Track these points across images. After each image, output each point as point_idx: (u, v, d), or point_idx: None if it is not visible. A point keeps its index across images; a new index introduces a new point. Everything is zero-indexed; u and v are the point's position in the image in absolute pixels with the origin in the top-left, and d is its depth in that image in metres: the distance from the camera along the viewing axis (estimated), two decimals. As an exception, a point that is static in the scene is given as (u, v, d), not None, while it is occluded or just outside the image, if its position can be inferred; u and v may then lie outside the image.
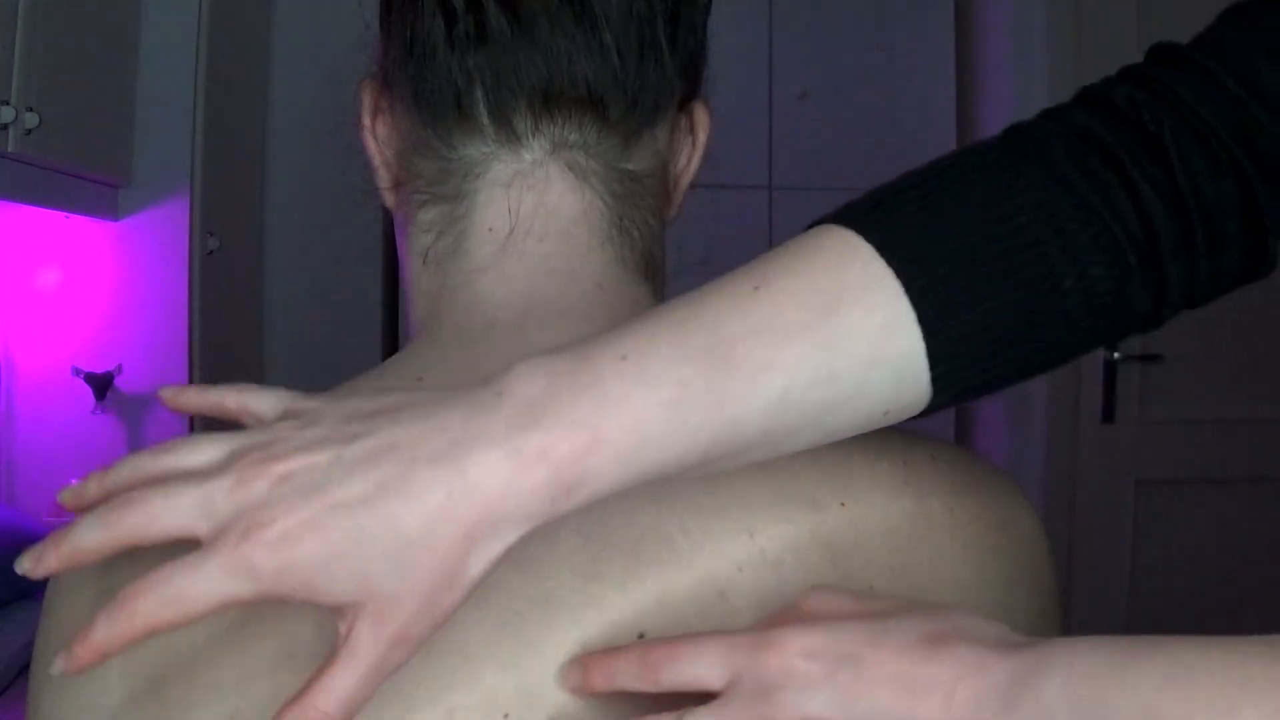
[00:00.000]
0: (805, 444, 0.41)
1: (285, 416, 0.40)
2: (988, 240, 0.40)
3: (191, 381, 1.71)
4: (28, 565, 0.38)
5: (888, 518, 0.47)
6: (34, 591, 1.39)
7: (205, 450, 0.39)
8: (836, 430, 0.41)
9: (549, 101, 0.49)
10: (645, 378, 0.38)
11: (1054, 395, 2.06)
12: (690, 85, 0.54)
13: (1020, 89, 2.09)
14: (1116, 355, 2.04)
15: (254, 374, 1.97)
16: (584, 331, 0.49)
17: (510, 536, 0.37)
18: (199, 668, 0.41)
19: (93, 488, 0.39)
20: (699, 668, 0.39)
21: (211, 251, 1.74)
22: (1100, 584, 2.08)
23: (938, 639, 0.37)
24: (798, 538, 0.45)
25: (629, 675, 0.40)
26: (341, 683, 0.36)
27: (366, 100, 0.55)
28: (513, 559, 0.42)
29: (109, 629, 0.36)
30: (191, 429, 1.71)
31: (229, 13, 1.78)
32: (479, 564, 0.37)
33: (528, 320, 0.50)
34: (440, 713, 0.41)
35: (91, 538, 0.37)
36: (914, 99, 2.21)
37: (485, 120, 0.50)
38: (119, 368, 1.70)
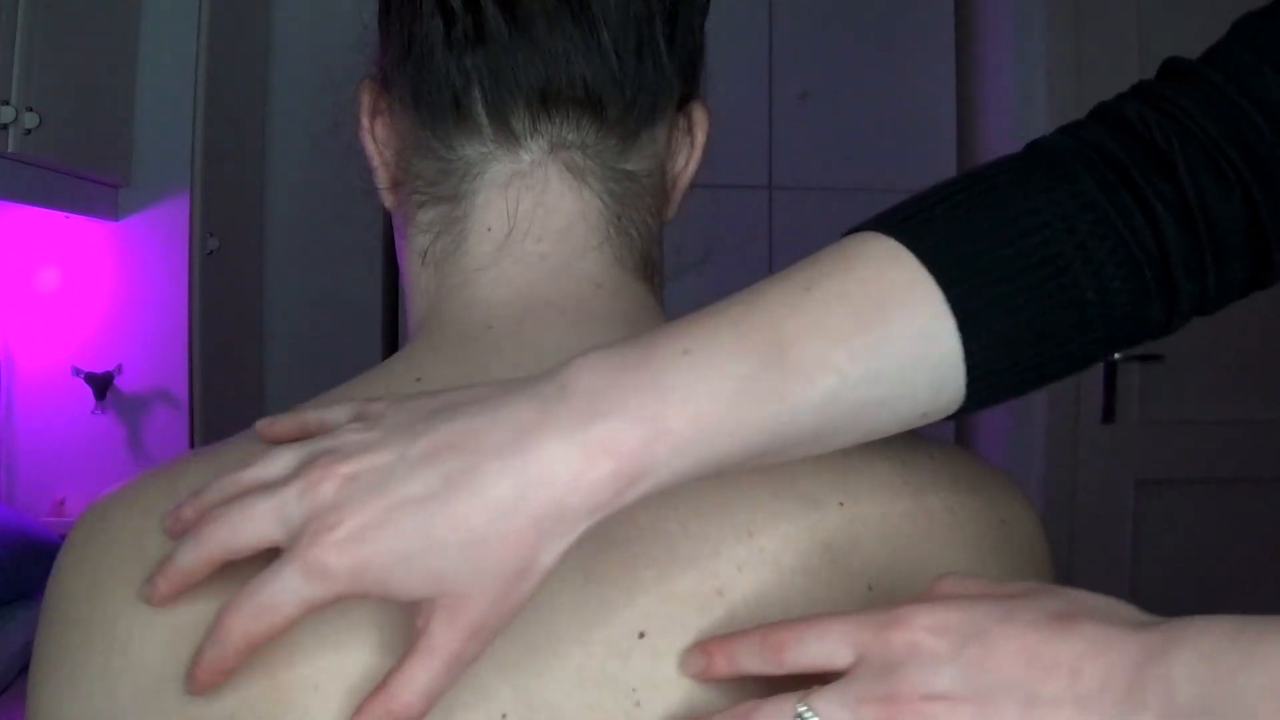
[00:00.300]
0: (849, 442, 0.42)
1: (353, 421, 0.41)
2: (1016, 253, 0.42)
3: (192, 382, 1.71)
4: (145, 594, 0.41)
5: (887, 517, 0.47)
6: (34, 592, 1.39)
7: (279, 461, 0.40)
8: (879, 429, 0.42)
9: (547, 102, 0.49)
10: (707, 372, 0.39)
11: (1054, 395, 2.06)
12: (689, 85, 0.54)
13: (1020, 89, 2.09)
14: (1117, 355, 2.04)
15: (254, 374, 1.97)
16: (583, 331, 0.49)
17: (579, 528, 0.38)
18: (198, 668, 0.41)
19: (188, 511, 0.41)
20: (824, 647, 0.39)
21: (211, 251, 1.74)
22: (1100, 584, 2.07)
23: (1066, 617, 0.37)
24: (797, 537, 0.45)
25: (752, 658, 0.40)
26: (420, 676, 0.37)
27: (365, 101, 0.55)
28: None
29: (216, 651, 0.38)
30: (192, 432, 1.71)
31: (229, 13, 1.78)
32: (550, 555, 0.38)
33: (526, 320, 0.50)
34: (438, 712, 0.40)
35: (189, 559, 0.39)
36: (914, 99, 2.21)
37: (483, 120, 0.50)
38: (119, 368, 1.70)
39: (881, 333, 0.40)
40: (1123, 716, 0.35)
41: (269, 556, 0.38)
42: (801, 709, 0.38)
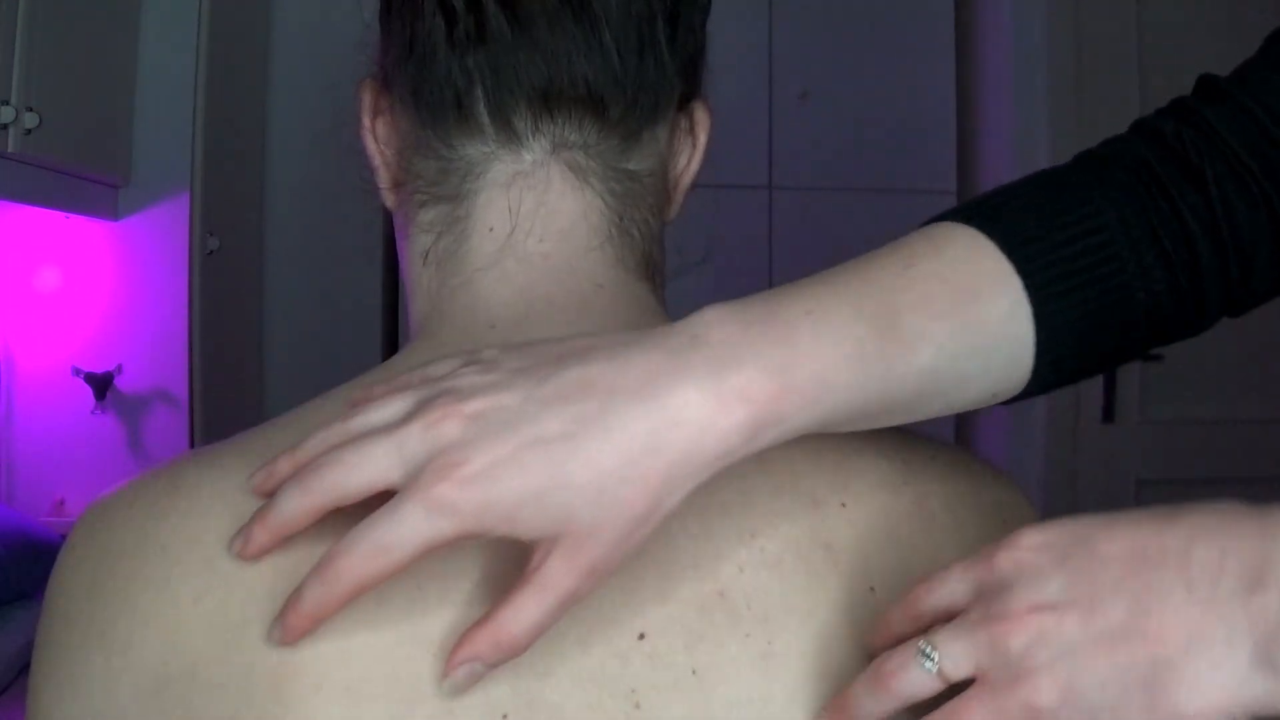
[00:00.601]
0: (932, 413, 0.44)
1: (465, 367, 0.41)
2: (1081, 250, 0.45)
3: (192, 382, 1.71)
4: (238, 547, 0.41)
5: (888, 517, 0.47)
6: (34, 592, 1.39)
7: (392, 405, 0.40)
8: (959, 404, 0.44)
9: (549, 101, 0.49)
10: (829, 333, 0.40)
11: (1054, 395, 2.06)
12: (690, 85, 0.54)
13: (1020, 89, 2.09)
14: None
15: (254, 374, 1.97)
16: (584, 331, 0.49)
17: (704, 474, 0.39)
18: (199, 668, 0.41)
19: (283, 464, 0.41)
20: (946, 589, 0.40)
21: (211, 251, 1.74)
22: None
23: (1172, 512, 0.37)
24: (798, 538, 0.45)
25: (900, 622, 0.41)
26: (530, 611, 0.38)
27: (366, 100, 0.55)
28: (512, 558, 0.42)
29: (321, 592, 0.38)
30: (192, 432, 1.71)
31: (229, 13, 1.78)
32: (673, 500, 0.38)
33: (528, 319, 0.50)
34: (440, 711, 0.40)
35: (294, 506, 0.39)
36: (914, 99, 2.21)
37: (485, 120, 0.50)
38: (119, 368, 1.70)
39: (973, 313, 0.43)
40: (1239, 598, 0.34)
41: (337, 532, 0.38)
42: (923, 646, 0.38)
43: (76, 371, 1.68)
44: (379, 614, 0.41)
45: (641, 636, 0.42)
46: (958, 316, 0.42)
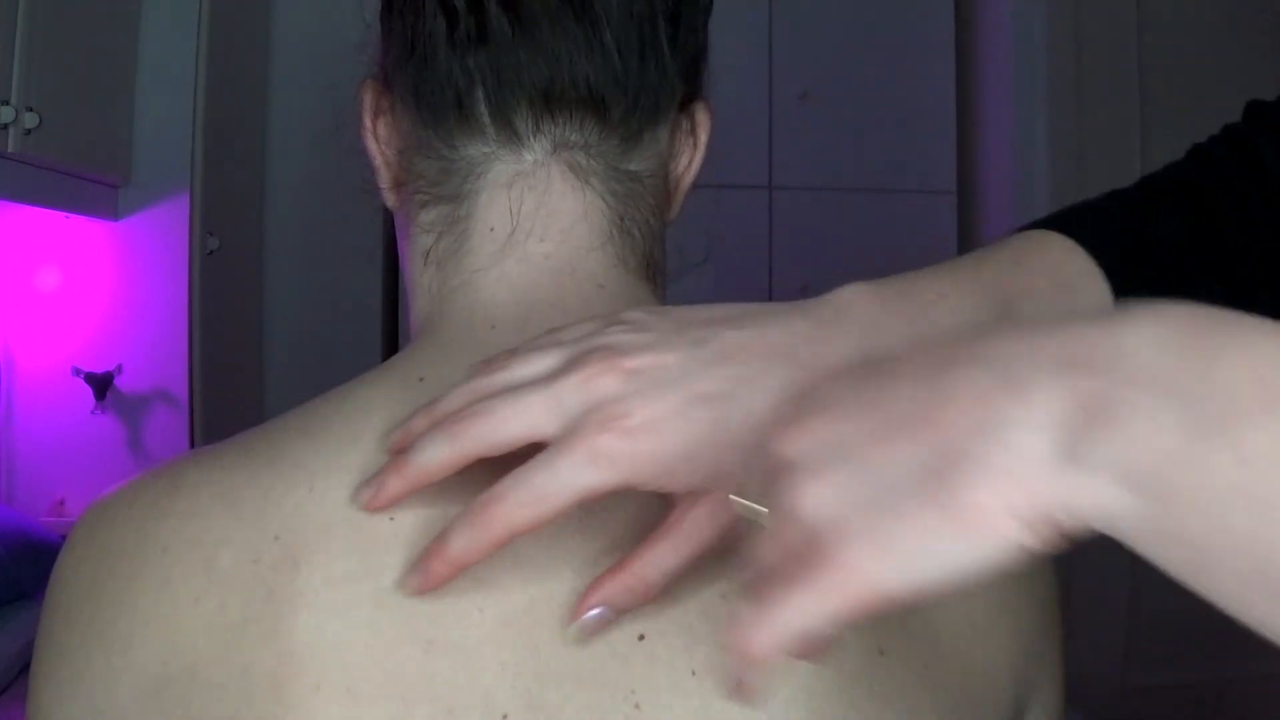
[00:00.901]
0: None
1: (611, 327, 0.41)
2: (1142, 261, 0.51)
3: (192, 382, 1.71)
4: (366, 496, 0.41)
5: (888, 518, 0.47)
6: (34, 592, 1.39)
7: (541, 359, 0.40)
8: None
9: (550, 102, 0.49)
10: (961, 315, 0.44)
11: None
12: (691, 86, 0.54)
13: (1020, 89, 2.09)
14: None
15: (254, 374, 1.97)
16: None
17: None
18: (199, 668, 0.41)
19: (420, 421, 0.41)
20: None
21: (211, 251, 1.74)
22: (1100, 583, 2.07)
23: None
24: (799, 538, 0.45)
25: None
26: (667, 558, 0.39)
27: (368, 100, 0.55)
28: (513, 557, 0.42)
29: (469, 538, 0.38)
30: (192, 432, 1.71)
31: (229, 13, 1.78)
32: None
33: (529, 320, 0.50)
34: (440, 711, 0.40)
35: (438, 454, 0.39)
36: (914, 99, 2.22)
37: (486, 120, 0.50)
38: (119, 368, 1.70)
39: (1072, 305, 0.48)
40: (1049, 376, 0.27)
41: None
42: (741, 502, 0.35)
43: (76, 371, 1.68)
44: (378, 614, 0.41)
45: (641, 638, 0.42)
46: (1061, 305, 0.47)
